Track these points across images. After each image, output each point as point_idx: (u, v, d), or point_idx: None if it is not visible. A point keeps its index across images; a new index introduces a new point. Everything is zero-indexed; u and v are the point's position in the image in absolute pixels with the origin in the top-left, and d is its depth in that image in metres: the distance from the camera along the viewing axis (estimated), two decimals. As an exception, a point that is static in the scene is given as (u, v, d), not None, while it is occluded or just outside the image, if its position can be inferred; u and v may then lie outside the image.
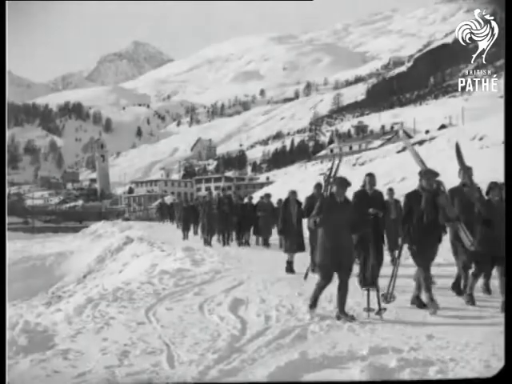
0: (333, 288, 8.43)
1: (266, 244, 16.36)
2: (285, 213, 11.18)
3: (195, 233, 21.73)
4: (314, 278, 9.63)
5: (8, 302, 10.53)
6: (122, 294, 8.53)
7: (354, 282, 7.59)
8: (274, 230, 15.76)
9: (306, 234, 10.65)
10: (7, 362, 4.97)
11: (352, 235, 6.60)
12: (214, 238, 17.48)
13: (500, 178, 5.53)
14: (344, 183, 6.46)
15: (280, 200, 15.70)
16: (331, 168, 8.92)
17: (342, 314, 6.33)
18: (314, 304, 6.58)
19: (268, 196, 16.85)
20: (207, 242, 16.71)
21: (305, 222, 10.14)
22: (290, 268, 10.46)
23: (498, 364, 4.36)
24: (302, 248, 10.90)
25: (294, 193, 11.43)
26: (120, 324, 6.58)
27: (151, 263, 13.15)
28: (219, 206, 16.68)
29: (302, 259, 10.50)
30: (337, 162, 8.89)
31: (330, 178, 8.39)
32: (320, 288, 6.56)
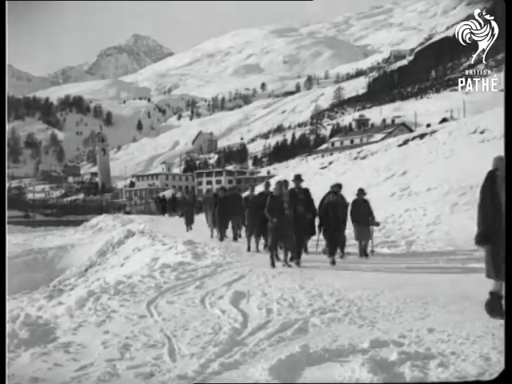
0: (337, 283, 8.40)
1: (343, 253, 11.76)
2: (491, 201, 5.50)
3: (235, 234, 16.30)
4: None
5: (9, 295, 10.57)
6: (123, 287, 8.54)
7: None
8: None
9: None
10: (8, 355, 4.98)
11: None
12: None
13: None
14: None
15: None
16: None
17: None
18: None
19: (339, 187, 11.70)
20: (273, 259, 10.55)
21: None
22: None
23: (497, 357, 4.35)
24: None
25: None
26: (121, 317, 6.58)
27: (152, 257, 13.17)
28: (292, 205, 10.66)
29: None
30: None
31: None
32: None
